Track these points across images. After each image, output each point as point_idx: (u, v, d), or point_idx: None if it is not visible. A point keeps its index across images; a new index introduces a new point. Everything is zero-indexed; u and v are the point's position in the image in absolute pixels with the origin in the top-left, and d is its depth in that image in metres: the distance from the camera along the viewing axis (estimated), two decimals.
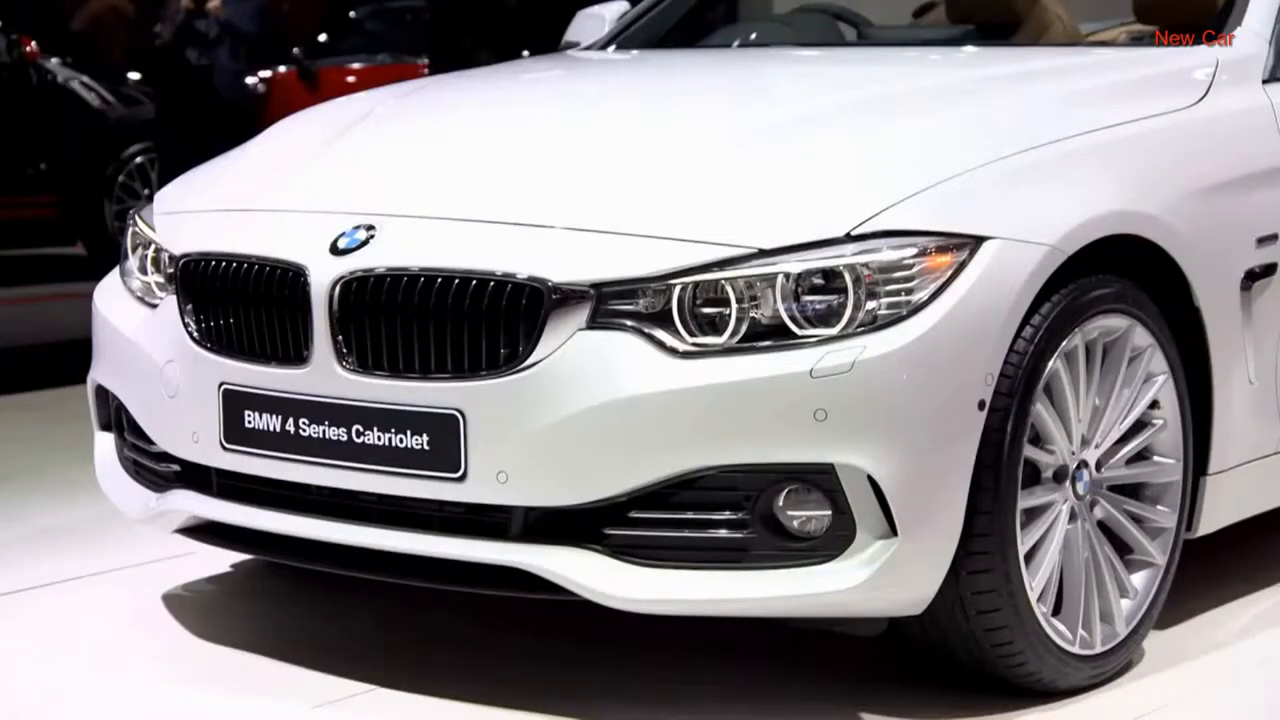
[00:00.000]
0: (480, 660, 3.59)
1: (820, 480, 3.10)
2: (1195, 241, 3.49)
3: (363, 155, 3.77)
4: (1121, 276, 3.40)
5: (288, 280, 3.33)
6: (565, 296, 3.14)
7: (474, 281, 3.19)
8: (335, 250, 3.31)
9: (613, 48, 4.74)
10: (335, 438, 3.27)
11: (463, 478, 3.17)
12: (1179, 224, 3.47)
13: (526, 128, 3.79)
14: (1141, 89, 3.74)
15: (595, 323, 3.14)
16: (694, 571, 3.13)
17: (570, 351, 3.13)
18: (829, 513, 3.11)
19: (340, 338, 3.26)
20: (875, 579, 3.09)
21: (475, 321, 3.18)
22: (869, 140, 3.44)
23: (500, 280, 3.17)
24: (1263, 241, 3.66)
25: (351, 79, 12.60)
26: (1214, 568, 3.97)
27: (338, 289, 3.26)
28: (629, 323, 3.14)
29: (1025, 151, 3.38)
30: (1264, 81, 3.85)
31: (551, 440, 3.12)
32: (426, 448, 3.19)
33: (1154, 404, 3.47)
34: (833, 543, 3.11)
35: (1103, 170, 3.44)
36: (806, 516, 3.13)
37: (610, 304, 3.14)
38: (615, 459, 3.11)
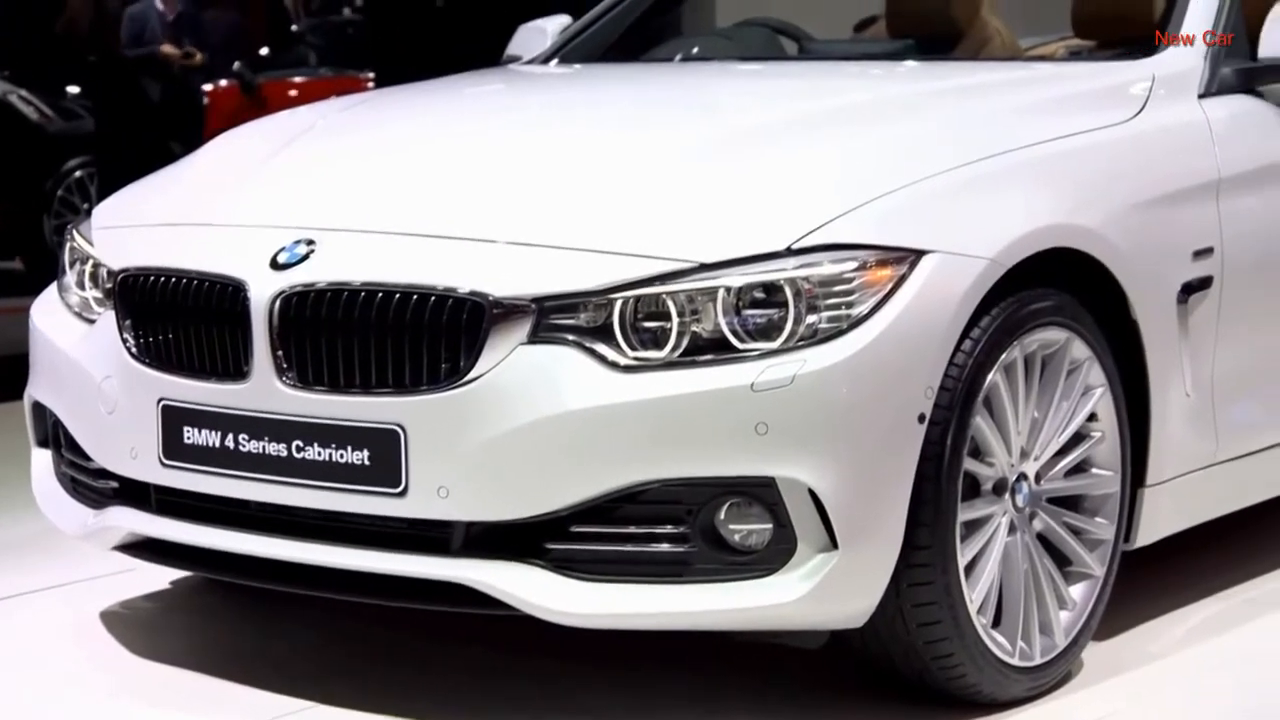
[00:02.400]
0: (423, 675, 3.58)
1: (761, 494, 3.11)
2: (1132, 255, 3.52)
3: (304, 169, 3.76)
4: (1060, 290, 3.42)
5: (227, 295, 3.32)
6: (506, 311, 3.14)
7: (415, 296, 3.18)
8: (275, 265, 3.30)
9: (555, 62, 4.74)
10: (275, 453, 3.26)
11: (403, 493, 3.16)
12: (1116, 238, 3.49)
13: (468, 142, 3.79)
14: (1079, 103, 3.77)
15: (536, 337, 3.14)
16: (636, 586, 3.13)
17: (511, 366, 3.12)
18: (770, 526, 3.12)
19: (280, 353, 3.25)
20: (816, 592, 3.10)
21: (416, 336, 3.17)
22: (810, 154, 3.45)
23: (441, 295, 3.17)
24: (1198, 255, 3.69)
25: (294, 93, 12.54)
26: (1151, 579, 4.00)
27: (278, 304, 3.25)
28: (570, 337, 3.14)
29: (965, 166, 3.40)
30: (1200, 96, 3.88)
31: (493, 455, 3.11)
32: (367, 463, 3.18)
33: (1092, 416, 3.50)
34: (774, 556, 3.12)
35: (1041, 184, 3.47)
36: (748, 530, 3.14)
37: (551, 318, 3.14)
38: (557, 473, 3.11)
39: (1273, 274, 3.89)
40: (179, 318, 3.40)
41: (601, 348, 3.13)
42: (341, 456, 3.20)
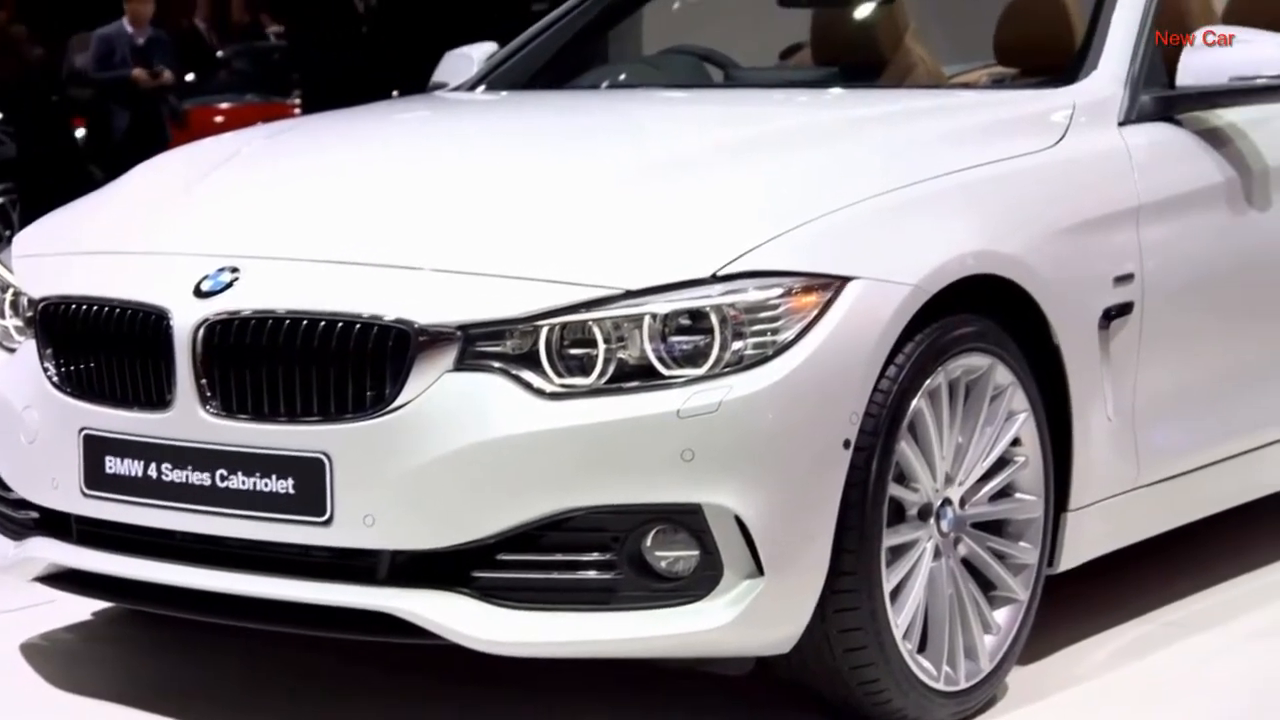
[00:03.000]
0: (353, 703, 3.56)
1: (688, 520, 3.11)
2: (1054, 281, 3.55)
3: (228, 197, 3.74)
4: (983, 316, 3.44)
5: (150, 323, 3.30)
6: (432, 338, 3.13)
7: (340, 324, 3.17)
8: (199, 293, 3.28)
9: (481, 88, 4.74)
10: (199, 483, 3.24)
11: (329, 522, 3.15)
12: (1038, 264, 3.52)
13: (394, 169, 3.78)
14: (1002, 131, 3.80)
15: (462, 364, 3.13)
16: (562, 613, 3.13)
17: (437, 393, 3.12)
18: (696, 553, 3.12)
19: (204, 381, 3.23)
20: (742, 618, 3.10)
21: (341, 364, 3.16)
22: (735, 181, 3.46)
23: (367, 322, 3.16)
24: (1120, 281, 3.72)
25: (220, 119, 12.49)
26: (1075, 603, 4.03)
27: (201, 332, 3.23)
28: (496, 364, 3.13)
29: (889, 192, 3.42)
30: (1120, 124, 3.92)
31: (418, 483, 3.10)
32: (292, 491, 3.17)
33: (1016, 441, 3.52)
34: (700, 583, 3.12)
35: (964, 211, 3.49)
36: (674, 557, 3.14)
37: (478, 345, 3.14)
38: (483, 501, 3.10)
39: (1192, 299, 3.93)
40: (101, 346, 3.38)
41: (528, 375, 3.13)
42: (266, 485, 3.18)
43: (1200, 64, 3.96)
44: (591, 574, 3.14)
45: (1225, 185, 4.04)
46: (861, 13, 4.74)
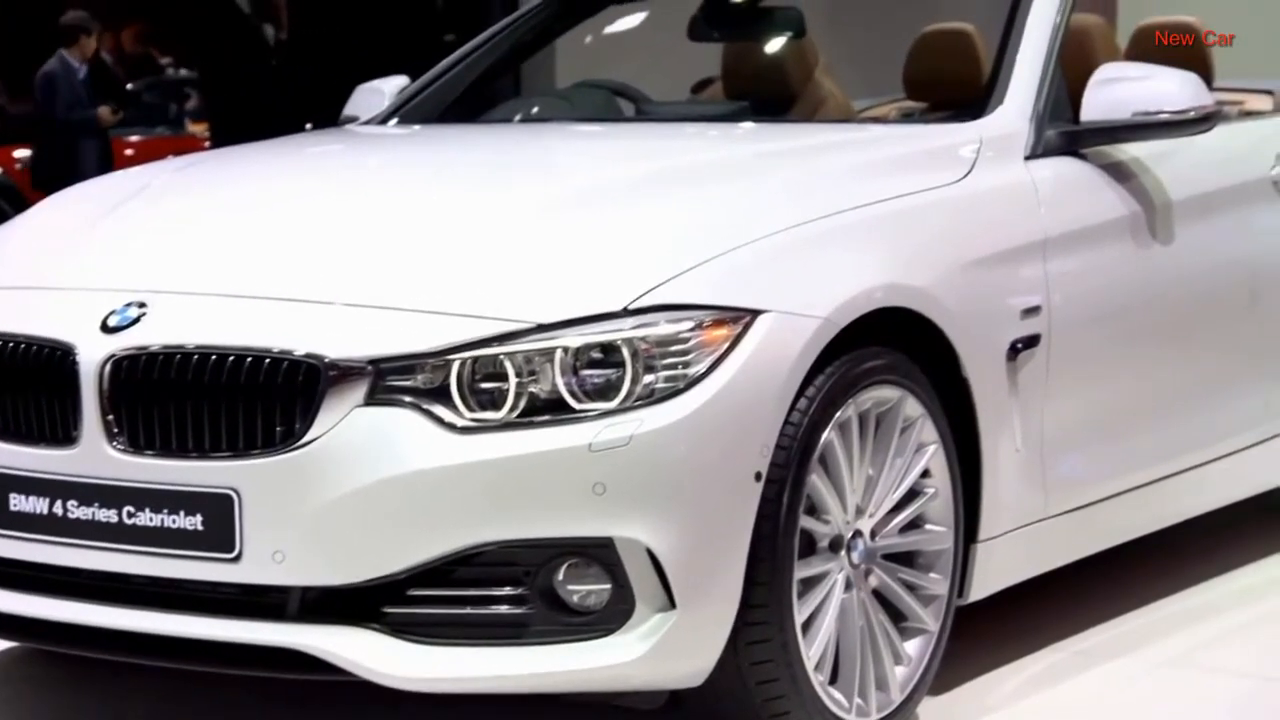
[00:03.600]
0: None
1: (599, 554, 3.11)
2: (962, 314, 3.58)
3: (136, 231, 3.71)
4: (893, 348, 3.47)
5: (55, 359, 3.26)
6: (343, 373, 3.12)
7: (249, 359, 3.15)
8: (106, 328, 3.25)
9: (393, 122, 4.73)
10: (105, 520, 3.20)
11: (238, 558, 3.12)
12: (947, 297, 3.55)
13: (305, 203, 3.77)
14: (910, 165, 3.84)
15: (373, 399, 3.12)
16: (474, 648, 3.12)
17: (347, 428, 3.10)
18: (608, 586, 3.12)
19: (111, 417, 3.20)
20: (655, 652, 3.10)
21: (251, 399, 3.14)
22: (647, 214, 3.47)
23: (276, 357, 3.14)
24: (1027, 313, 3.76)
25: (129, 151, 12.39)
26: (985, 633, 4.05)
27: (108, 367, 3.20)
28: (407, 399, 3.12)
29: (800, 226, 3.44)
30: (1026, 158, 3.96)
31: (328, 519, 3.09)
32: (200, 528, 3.14)
33: (925, 473, 3.54)
34: (612, 616, 3.12)
35: (873, 244, 3.52)
36: (586, 591, 3.14)
37: (388, 380, 3.13)
38: (393, 536, 3.09)
39: (1098, 331, 3.98)
40: (5, 382, 3.33)
41: (439, 409, 3.12)
42: (174, 522, 3.15)
43: (1104, 100, 4.02)
44: (503, 609, 3.13)
45: (1130, 219, 4.10)
46: (772, 47, 4.77)
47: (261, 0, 8.34)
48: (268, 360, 3.14)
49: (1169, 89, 4.01)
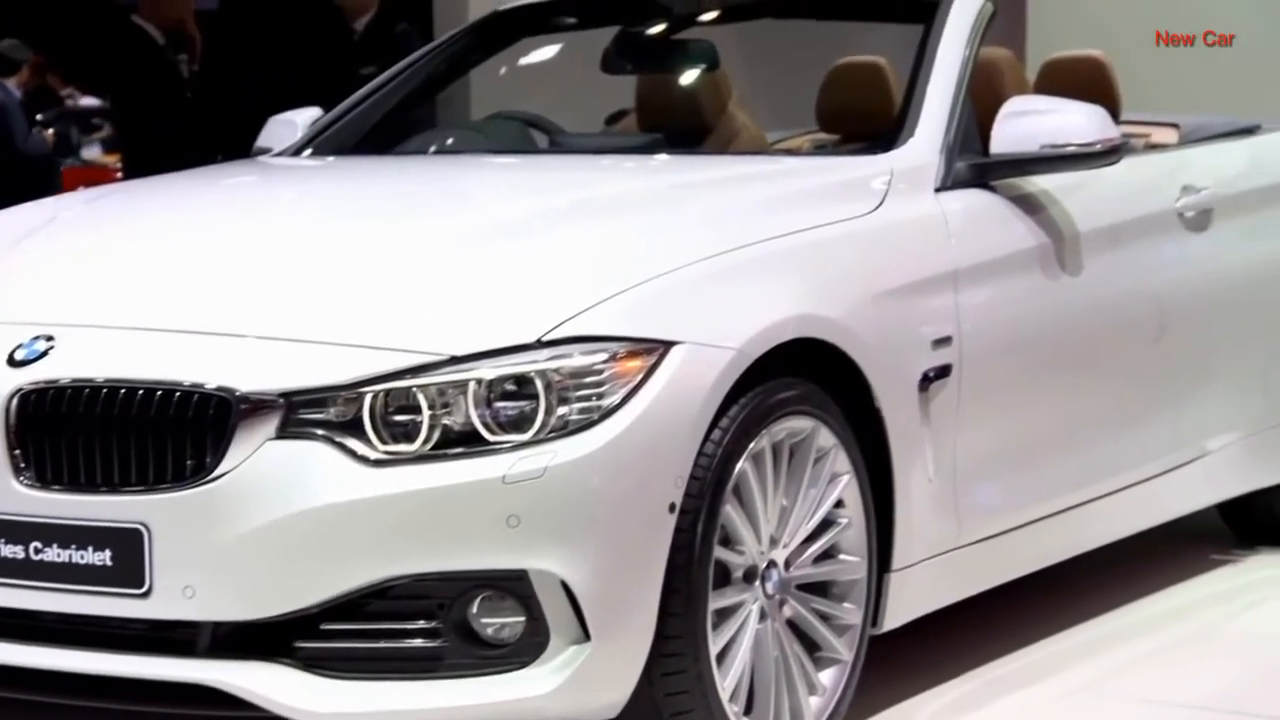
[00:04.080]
0: None
1: (514, 587, 3.11)
2: (874, 345, 3.60)
3: (44, 263, 3.68)
4: (806, 379, 3.49)
5: None
6: (254, 406, 3.10)
7: (159, 392, 3.13)
8: (12, 362, 3.21)
9: (306, 154, 4.71)
10: (12, 556, 3.16)
11: (147, 594, 3.09)
12: (859, 328, 3.58)
13: (216, 235, 3.74)
14: (823, 197, 3.86)
15: (285, 432, 3.10)
16: (388, 683, 3.10)
17: (259, 462, 3.09)
18: (523, 619, 3.12)
19: (18, 452, 3.16)
20: (569, 684, 3.10)
21: (161, 433, 3.12)
22: (561, 246, 3.48)
23: (187, 390, 3.13)
24: (938, 344, 3.79)
25: None
26: (899, 662, 4.07)
27: (15, 401, 3.16)
28: (320, 432, 3.11)
29: (713, 257, 3.46)
30: (936, 190, 3.99)
31: (240, 553, 3.07)
32: (109, 564, 3.11)
33: (839, 503, 3.56)
34: (527, 649, 3.11)
35: (786, 276, 3.54)
36: (500, 623, 3.13)
37: (300, 413, 3.11)
38: (306, 570, 3.07)
39: (1009, 361, 4.01)
40: None
41: (351, 442, 3.11)
42: (82, 557, 3.12)
43: (1012, 132, 4.06)
44: (417, 642, 3.12)
45: (1039, 249, 4.14)
46: (685, 80, 4.79)
47: (176, 32, 8.29)
48: (178, 394, 3.12)
49: (1076, 122, 4.06)
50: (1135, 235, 4.49)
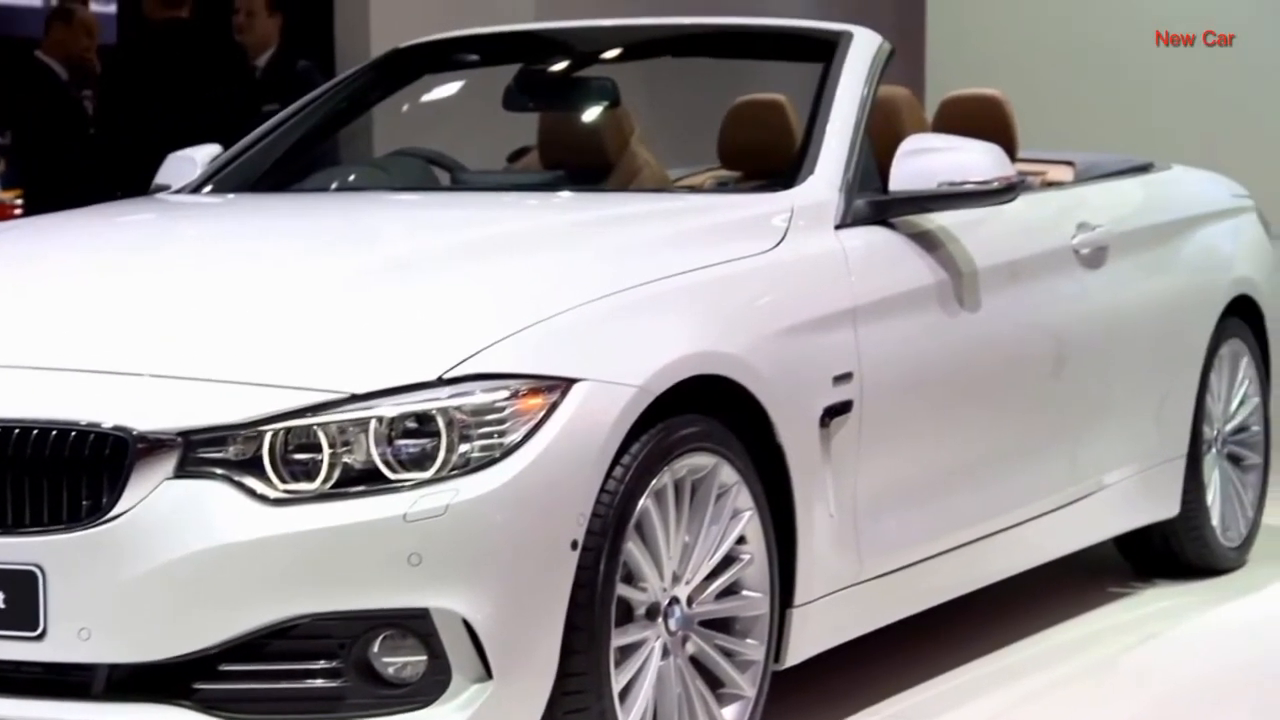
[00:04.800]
0: None
1: (415, 625, 3.09)
2: (776, 381, 3.62)
3: None
4: (708, 415, 3.50)
5: None
6: (151, 445, 3.07)
7: (54, 432, 3.09)
8: None
9: (206, 190, 4.68)
10: None
11: (41, 636, 3.05)
12: (760, 364, 3.59)
13: (114, 273, 3.70)
14: (724, 234, 3.88)
15: (183, 471, 3.08)
16: None
17: (156, 502, 3.06)
18: (424, 658, 3.10)
19: None
20: None
21: (56, 473, 3.08)
22: (462, 283, 3.47)
23: (84, 430, 3.09)
24: (839, 380, 3.81)
25: None
26: (802, 698, 4.08)
27: None
28: (219, 471, 3.09)
29: (615, 294, 3.46)
30: (836, 227, 4.02)
31: (136, 594, 3.03)
32: (3, 606, 3.07)
33: (741, 539, 3.57)
34: (428, 688, 3.10)
35: (688, 312, 3.55)
36: (402, 662, 3.11)
37: (199, 452, 3.09)
38: (204, 611, 3.04)
39: (909, 397, 4.04)
40: None
41: (251, 481, 3.08)
42: None
43: (911, 170, 4.10)
44: (318, 682, 3.09)
45: (938, 286, 4.18)
46: (587, 117, 4.80)
47: (79, 67, 8.22)
48: (74, 433, 3.09)
49: (974, 160, 4.11)
50: (1033, 272, 4.54)
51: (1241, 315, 5.47)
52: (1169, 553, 5.31)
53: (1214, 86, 7.77)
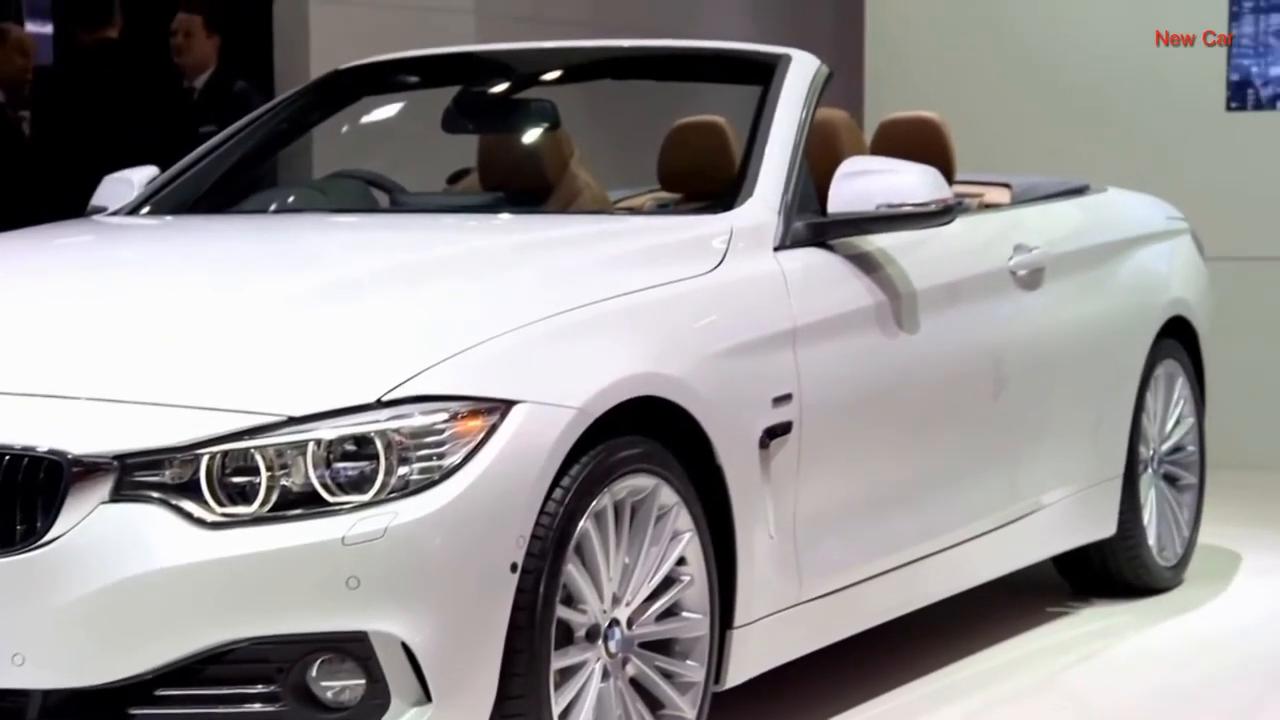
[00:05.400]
0: None
1: (354, 649, 3.08)
2: (715, 402, 3.62)
3: None
4: (648, 437, 3.50)
5: None
6: (87, 469, 3.05)
7: None
8: None
9: (144, 212, 4.65)
10: None
11: None
12: (699, 386, 3.60)
13: (49, 296, 3.67)
14: (664, 256, 3.88)
15: (119, 495, 3.06)
16: None
17: (92, 526, 3.03)
18: (363, 681, 3.09)
19: None
20: None
21: None
22: (402, 306, 3.46)
23: (18, 454, 3.07)
24: (778, 401, 3.82)
25: None
26: (740, 719, 4.08)
27: None
28: (155, 494, 3.06)
29: (554, 316, 3.46)
30: (775, 249, 4.03)
31: (72, 619, 3.00)
32: None
33: (681, 560, 3.57)
34: (367, 712, 3.08)
35: (627, 334, 3.55)
36: (340, 686, 3.10)
37: (135, 475, 3.07)
38: (140, 636, 3.02)
39: (848, 418, 4.06)
40: None
41: (188, 504, 3.06)
42: None
43: (849, 192, 4.11)
44: (255, 707, 3.07)
45: (876, 307, 4.20)
46: (526, 139, 4.81)
47: (14, 87, 8.17)
48: (8, 457, 3.06)
49: (911, 182, 4.13)
50: (970, 293, 4.57)
51: (1177, 336, 5.53)
52: (1106, 572, 5.35)
53: (1151, 109, 7.84)
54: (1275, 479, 7.41)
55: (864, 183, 4.12)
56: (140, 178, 4.74)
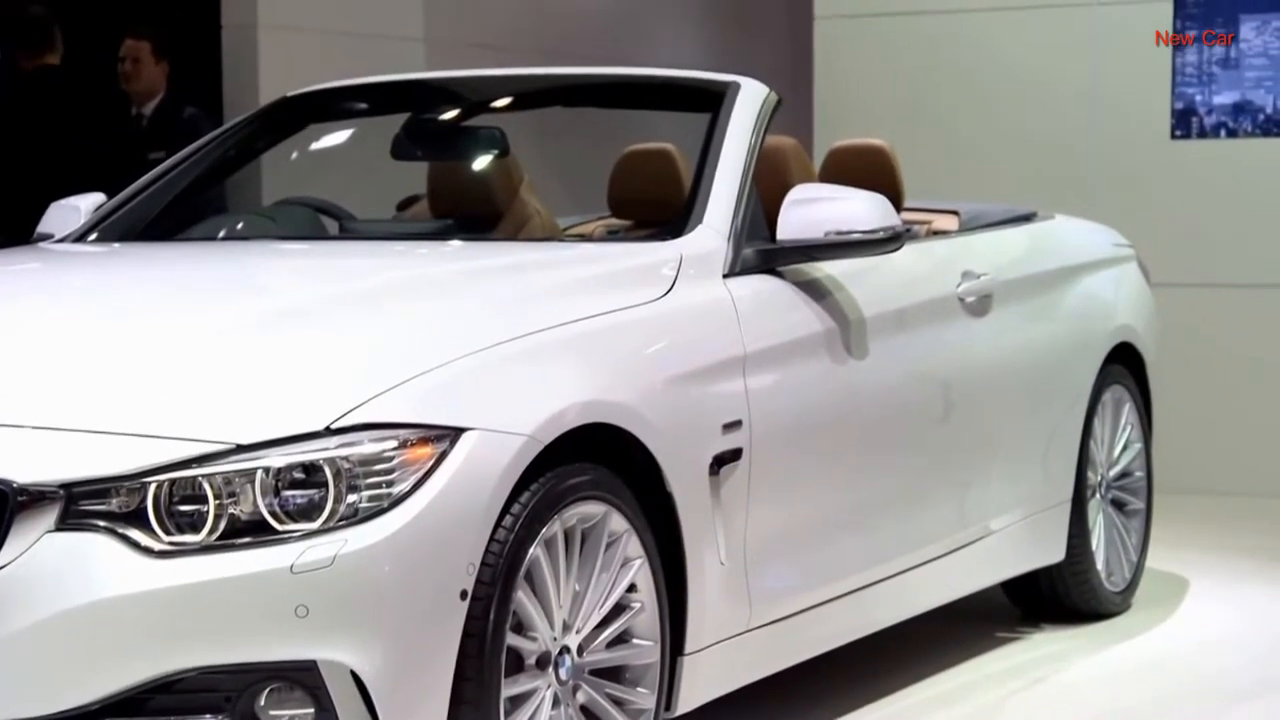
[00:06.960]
0: None
1: (303, 678, 3.06)
2: (665, 429, 3.63)
3: None
4: (598, 463, 3.50)
5: None
6: (33, 498, 3.02)
7: None
8: None
9: (91, 239, 4.62)
10: None
11: None
12: (649, 413, 3.60)
13: None
14: (614, 282, 3.88)
15: (66, 524, 3.03)
16: None
17: (37, 555, 3.01)
18: (312, 710, 3.07)
19: None
20: None
21: None
22: (351, 333, 3.45)
23: None
24: (728, 428, 3.82)
25: None
26: None
27: None
28: (102, 523, 3.04)
29: (504, 343, 3.46)
30: (725, 276, 4.04)
31: (16, 649, 2.98)
32: None
33: (632, 587, 3.57)
34: None
35: (577, 361, 3.55)
36: (289, 715, 3.08)
37: (81, 504, 3.05)
38: (86, 666, 3.00)
39: (798, 444, 4.06)
40: None
41: (134, 533, 3.05)
42: None
43: (798, 219, 4.12)
44: None
45: (825, 334, 4.21)
46: (476, 166, 4.81)
47: None
48: None
49: (860, 209, 4.14)
50: (919, 320, 4.59)
51: (1124, 362, 5.57)
52: (1055, 597, 5.37)
53: (1097, 138, 7.91)
54: (1222, 503, 7.47)
55: (813, 210, 4.13)
56: (88, 204, 4.71)
